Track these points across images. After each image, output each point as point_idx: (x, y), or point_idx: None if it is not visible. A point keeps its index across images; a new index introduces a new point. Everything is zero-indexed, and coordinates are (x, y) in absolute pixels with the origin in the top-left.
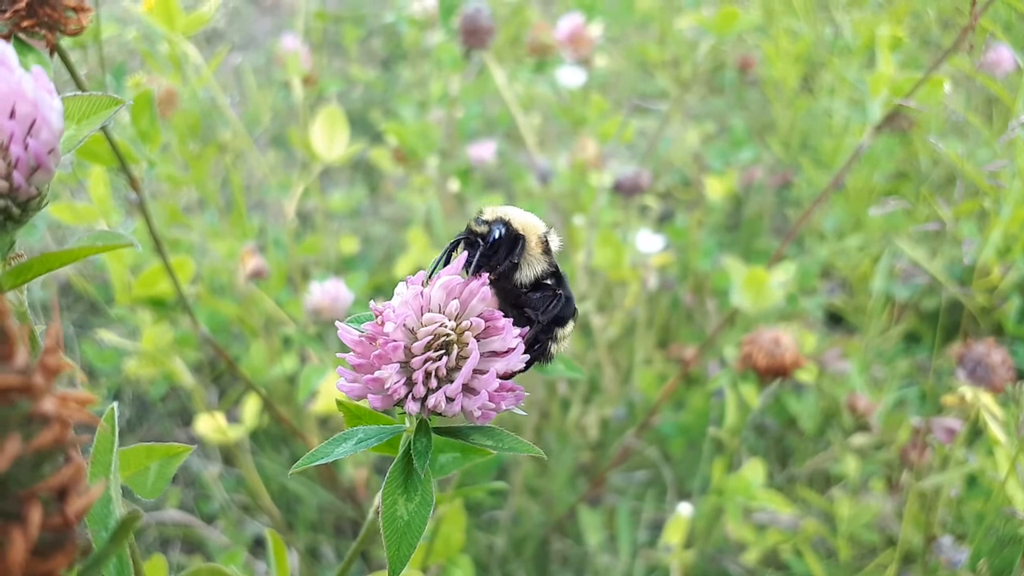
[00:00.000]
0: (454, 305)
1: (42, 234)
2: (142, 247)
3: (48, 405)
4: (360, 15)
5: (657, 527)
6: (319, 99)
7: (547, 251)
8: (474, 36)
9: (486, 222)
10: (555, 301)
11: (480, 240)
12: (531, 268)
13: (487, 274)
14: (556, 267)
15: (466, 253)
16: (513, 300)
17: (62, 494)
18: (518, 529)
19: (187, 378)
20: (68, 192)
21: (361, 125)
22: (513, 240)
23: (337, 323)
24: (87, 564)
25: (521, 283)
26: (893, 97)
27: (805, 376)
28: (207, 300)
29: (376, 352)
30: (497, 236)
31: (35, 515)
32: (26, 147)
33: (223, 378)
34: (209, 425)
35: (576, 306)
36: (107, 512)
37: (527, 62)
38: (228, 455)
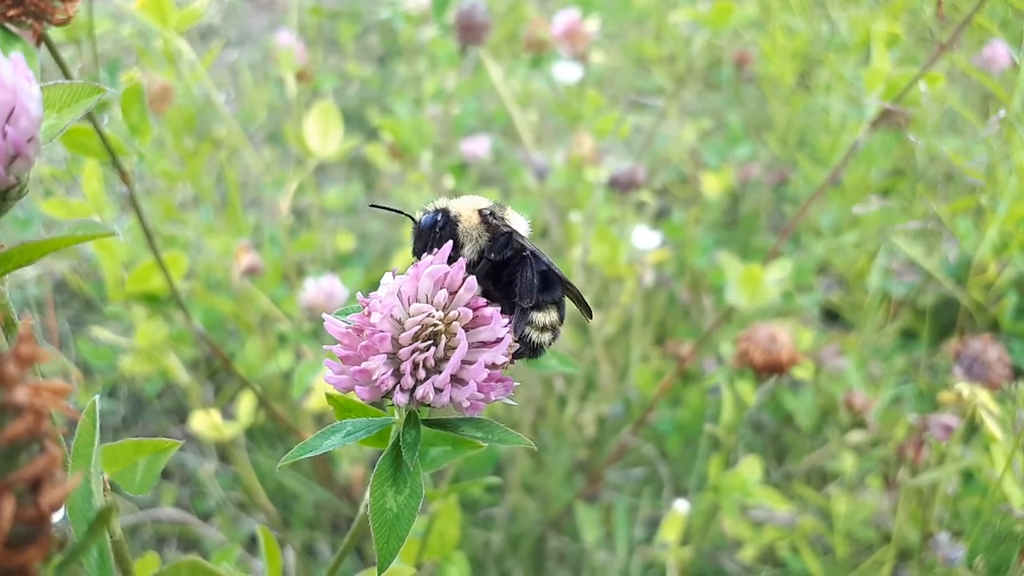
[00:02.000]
0: (442, 295)
1: (37, 230)
2: (136, 243)
3: (21, 395)
4: (356, 11)
5: (654, 524)
6: (314, 95)
7: (489, 224)
8: (470, 32)
9: (424, 211)
10: (525, 276)
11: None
12: (474, 242)
13: (463, 260)
14: (522, 246)
15: (450, 243)
16: (490, 288)
17: (36, 485)
18: (514, 526)
19: (182, 375)
20: (63, 188)
21: (357, 121)
22: (440, 222)
23: (324, 315)
24: (66, 556)
25: (471, 260)
26: (889, 93)
27: (801, 373)
28: (202, 296)
29: (363, 343)
30: (425, 221)
31: (7, 507)
32: (4, 135)
33: (218, 375)
34: (204, 422)
35: (567, 290)
36: (88, 505)
37: (523, 58)
38: (224, 452)
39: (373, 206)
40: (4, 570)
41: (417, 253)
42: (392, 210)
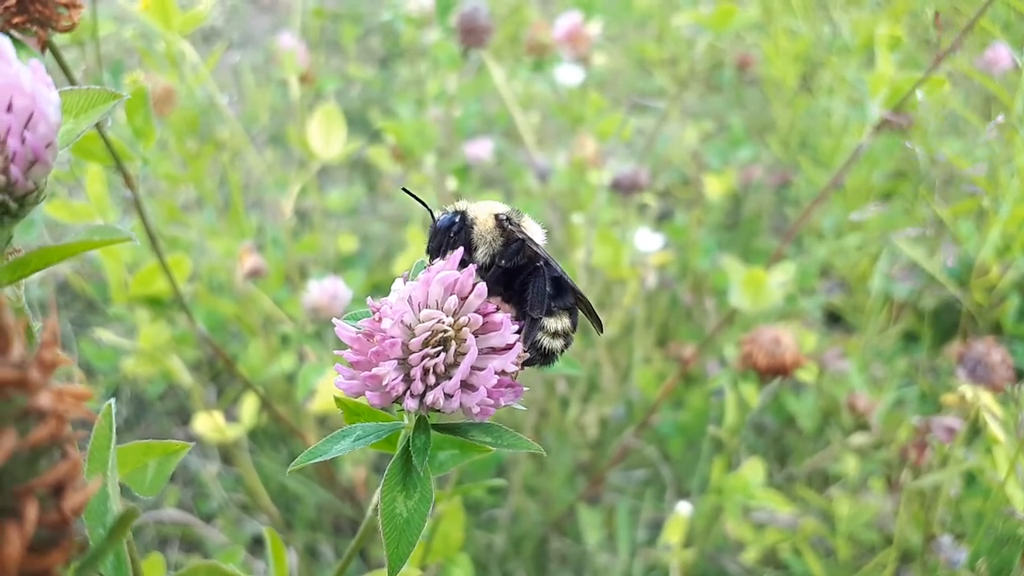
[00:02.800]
0: (452, 301)
1: (40, 232)
2: (140, 245)
3: (44, 400)
4: (358, 13)
5: (656, 526)
6: (317, 97)
7: (504, 230)
8: (472, 35)
9: (444, 211)
10: (537, 285)
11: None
12: (487, 245)
13: (472, 266)
14: (535, 253)
15: (461, 248)
16: (502, 294)
17: (58, 490)
18: (517, 528)
19: (185, 377)
20: (66, 190)
21: (359, 123)
22: (457, 224)
23: (334, 320)
24: (84, 561)
25: (483, 264)
26: (892, 97)
27: (805, 375)
28: (205, 299)
29: (374, 349)
30: (442, 222)
31: (31, 511)
32: (23, 141)
33: (221, 377)
34: (207, 424)
35: (578, 300)
36: (104, 509)
37: (525, 60)
38: (227, 454)
39: (404, 190)
40: (27, 574)
41: (431, 252)
42: (419, 200)
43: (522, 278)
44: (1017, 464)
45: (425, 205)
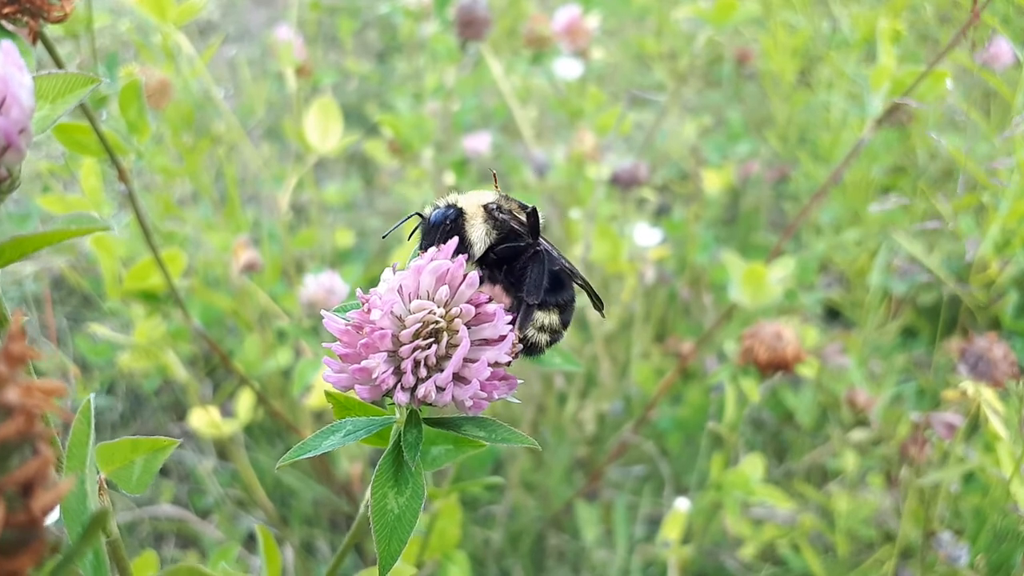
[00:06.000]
0: (443, 291)
1: (34, 226)
2: (135, 240)
3: (11, 395)
4: (355, 6)
5: (654, 522)
6: (314, 91)
7: (496, 220)
8: (470, 28)
9: (435, 206)
10: (535, 271)
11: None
12: (479, 237)
13: (463, 256)
14: (526, 241)
15: (456, 239)
16: (499, 282)
17: (28, 489)
18: (514, 524)
19: (181, 372)
20: (61, 184)
21: (356, 117)
22: (450, 217)
23: (323, 312)
24: (60, 561)
25: (478, 256)
26: (894, 91)
27: (806, 371)
28: (201, 293)
29: (363, 341)
30: (434, 217)
31: None
32: None
33: (217, 372)
34: (203, 419)
35: (582, 287)
36: (82, 507)
37: (524, 54)
38: (222, 449)
39: (384, 236)
40: None
41: (425, 249)
42: (400, 223)
43: (519, 266)
44: (1022, 462)
45: (408, 217)
